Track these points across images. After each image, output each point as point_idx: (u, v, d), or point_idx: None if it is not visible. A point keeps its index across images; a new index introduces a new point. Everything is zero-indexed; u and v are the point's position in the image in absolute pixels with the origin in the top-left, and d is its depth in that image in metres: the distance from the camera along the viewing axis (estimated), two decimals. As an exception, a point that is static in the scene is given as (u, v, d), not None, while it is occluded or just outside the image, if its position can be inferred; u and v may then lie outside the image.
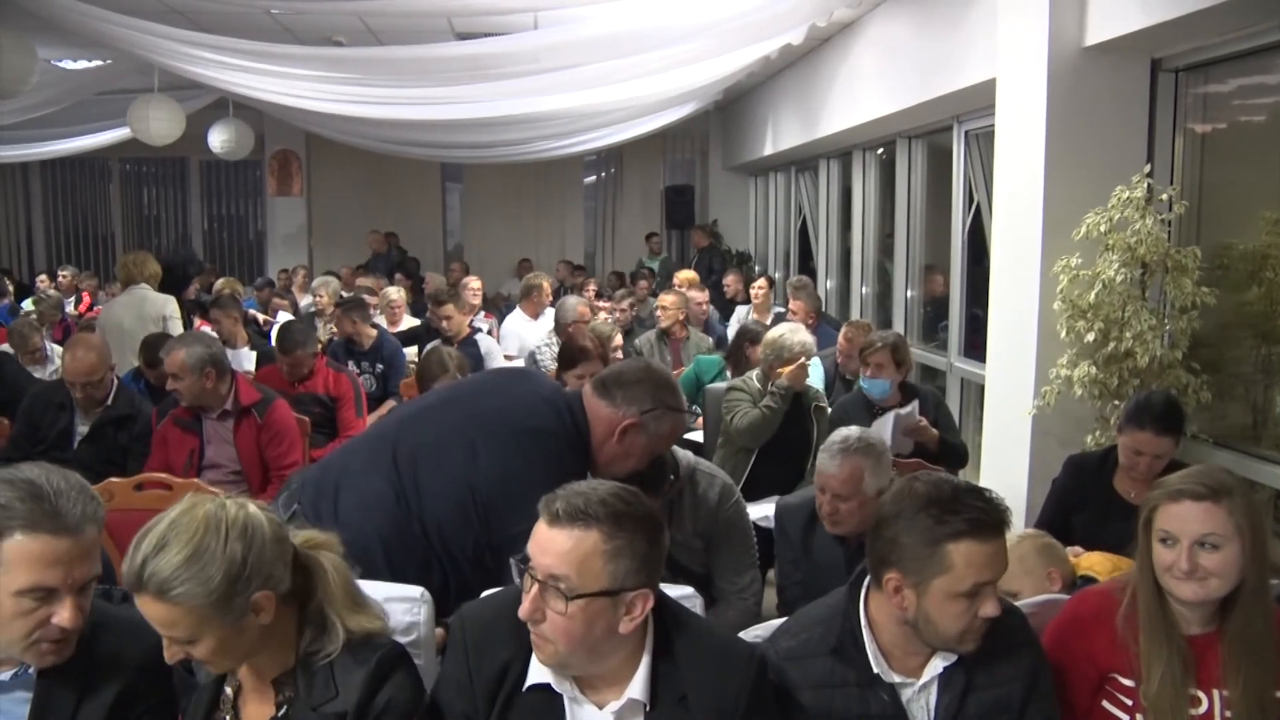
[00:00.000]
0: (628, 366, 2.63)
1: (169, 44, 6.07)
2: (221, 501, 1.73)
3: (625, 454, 2.53)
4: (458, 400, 2.67)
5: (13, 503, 1.67)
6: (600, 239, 13.79)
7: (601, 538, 1.70)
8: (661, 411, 2.52)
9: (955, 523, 1.82)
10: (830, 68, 7.60)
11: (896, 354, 4.44)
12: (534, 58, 5.94)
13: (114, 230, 13.78)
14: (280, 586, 1.73)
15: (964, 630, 1.85)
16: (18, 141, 10.25)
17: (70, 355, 4.33)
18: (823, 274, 9.36)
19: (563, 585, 1.68)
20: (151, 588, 1.63)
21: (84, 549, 1.71)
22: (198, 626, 1.65)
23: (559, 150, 10.44)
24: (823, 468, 3.05)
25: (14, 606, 1.67)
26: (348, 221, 12.82)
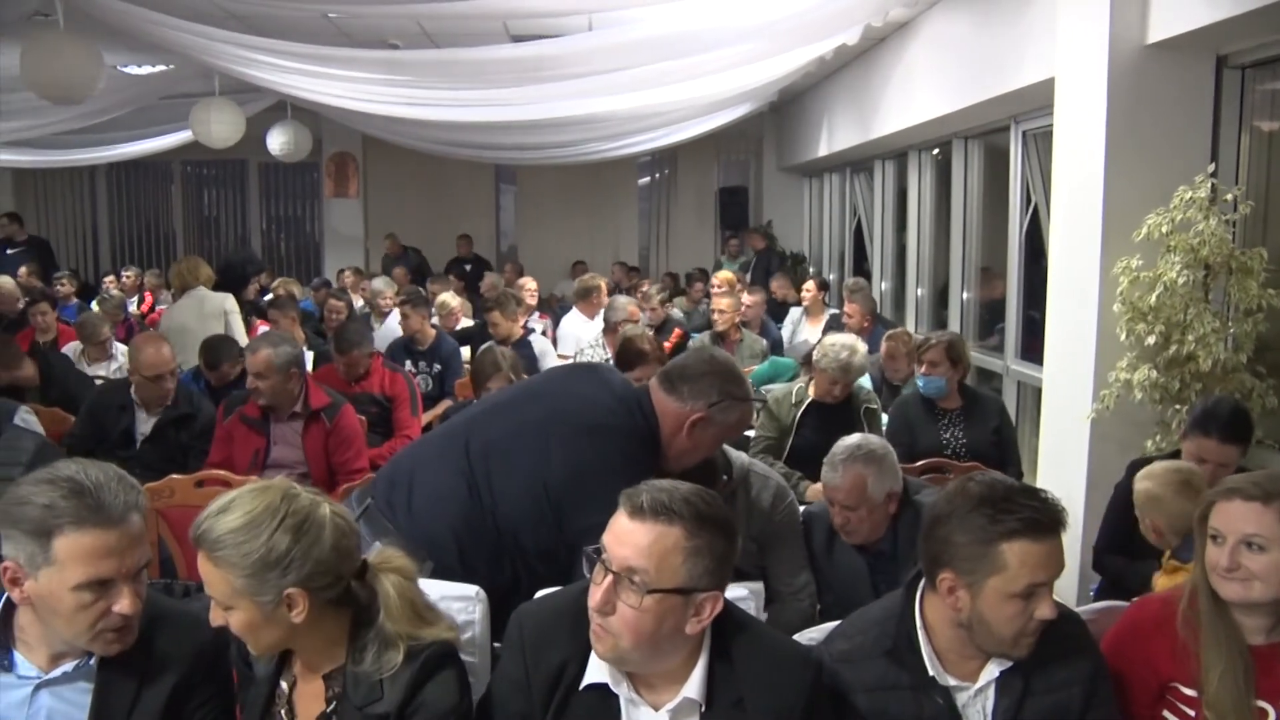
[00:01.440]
0: (692, 359, 2.62)
1: (229, 48, 6.17)
2: (300, 494, 1.78)
3: (694, 447, 2.54)
4: (531, 397, 2.68)
5: (57, 501, 1.71)
6: (654, 240, 13.79)
7: (683, 535, 1.70)
8: (729, 403, 2.52)
9: (1009, 521, 1.79)
10: (885, 68, 7.53)
11: (952, 352, 4.42)
12: (588, 59, 5.95)
13: (175, 231, 14.04)
14: (321, 593, 1.75)
15: (1019, 632, 1.82)
16: (85, 145, 10.47)
17: (142, 351, 4.39)
18: (877, 276, 9.29)
19: (639, 579, 1.68)
20: (204, 543, 1.72)
21: (132, 537, 1.76)
22: (232, 595, 1.72)
23: (613, 151, 10.45)
24: (826, 479, 3.05)
25: (74, 601, 1.72)
26: (403, 223, 12.95)
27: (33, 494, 1.73)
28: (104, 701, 1.81)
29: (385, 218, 13.21)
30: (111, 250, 13.95)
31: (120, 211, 14.06)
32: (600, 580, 1.72)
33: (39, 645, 1.81)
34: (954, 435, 4.49)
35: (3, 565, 1.76)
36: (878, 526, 3.03)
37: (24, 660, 1.81)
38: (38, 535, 1.71)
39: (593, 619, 1.73)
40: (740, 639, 1.81)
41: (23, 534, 1.72)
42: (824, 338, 4.66)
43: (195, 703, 1.87)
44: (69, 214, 13.79)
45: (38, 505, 1.71)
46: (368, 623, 1.80)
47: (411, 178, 12.83)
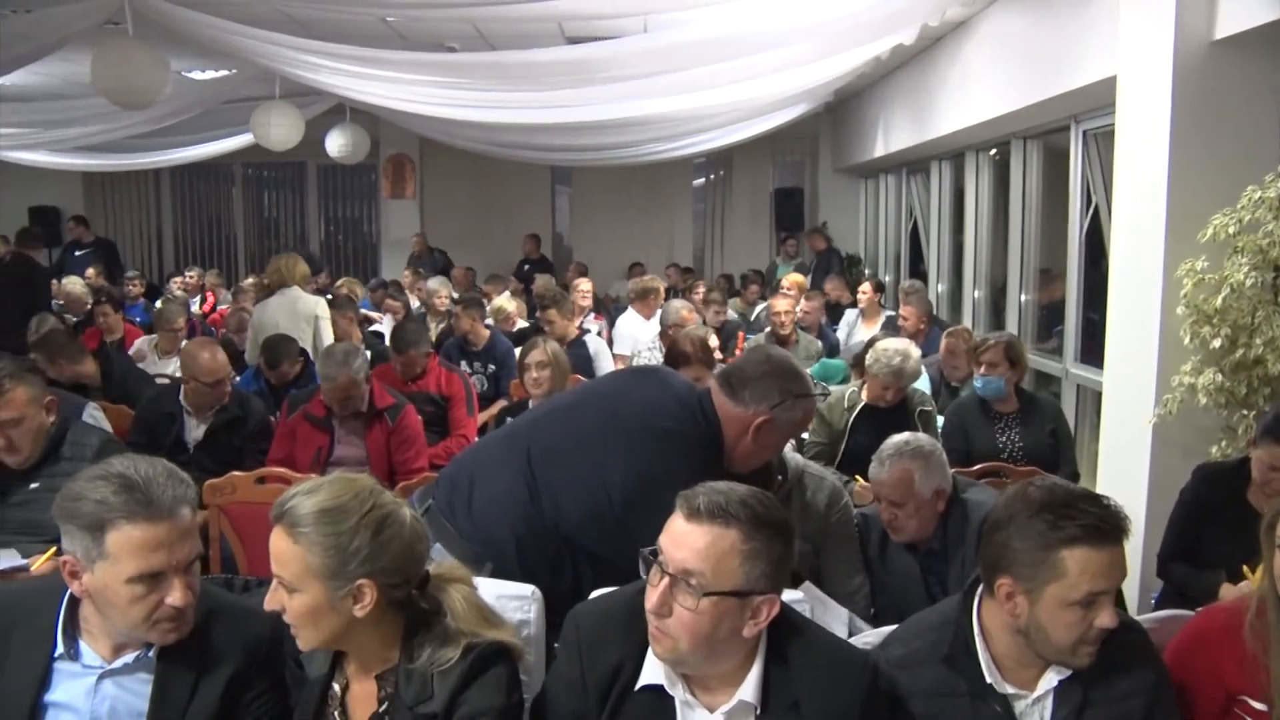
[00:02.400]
0: (750, 361, 2.59)
1: (290, 53, 6.27)
2: (384, 492, 1.82)
3: (760, 449, 2.53)
4: (593, 400, 2.68)
5: (108, 497, 1.76)
6: (709, 242, 13.77)
7: (740, 537, 1.70)
8: (791, 401, 2.49)
9: (1070, 528, 1.76)
10: (942, 67, 7.46)
11: (1010, 352, 4.37)
12: (644, 61, 5.96)
13: (236, 232, 14.28)
14: (389, 591, 1.78)
15: (1077, 641, 1.79)
16: (150, 149, 10.70)
17: (198, 357, 4.36)
18: (934, 277, 9.20)
19: (695, 581, 1.68)
20: (286, 519, 1.75)
21: (181, 530, 1.80)
22: (302, 577, 1.74)
23: (668, 153, 10.46)
24: (873, 475, 3.03)
25: (129, 594, 1.76)
26: (459, 224, 13.06)
27: (86, 490, 1.78)
28: (164, 691, 1.85)
29: (441, 219, 13.33)
30: (175, 251, 14.22)
31: (183, 213, 14.33)
32: (657, 582, 1.72)
33: (102, 636, 1.86)
34: (1010, 439, 4.44)
35: (63, 559, 1.81)
36: (926, 524, 3.00)
37: (89, 650, 1.86)
38: (92, 530, 1.76)
39: (650, 621, 1.73)
40: (796, 642, 1.80)
41: (79, 529, 1.77)
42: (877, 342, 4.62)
43: (252, 694, 1.91)
44: (135, 216, 14.08)
45: (91, 500, 1.76)
46: (424, 628, 1.82)
47: (467, 179, 12.92)
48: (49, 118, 8.95)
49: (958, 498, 3.06)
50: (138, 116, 7.88)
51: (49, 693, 1.84)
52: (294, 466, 3.99)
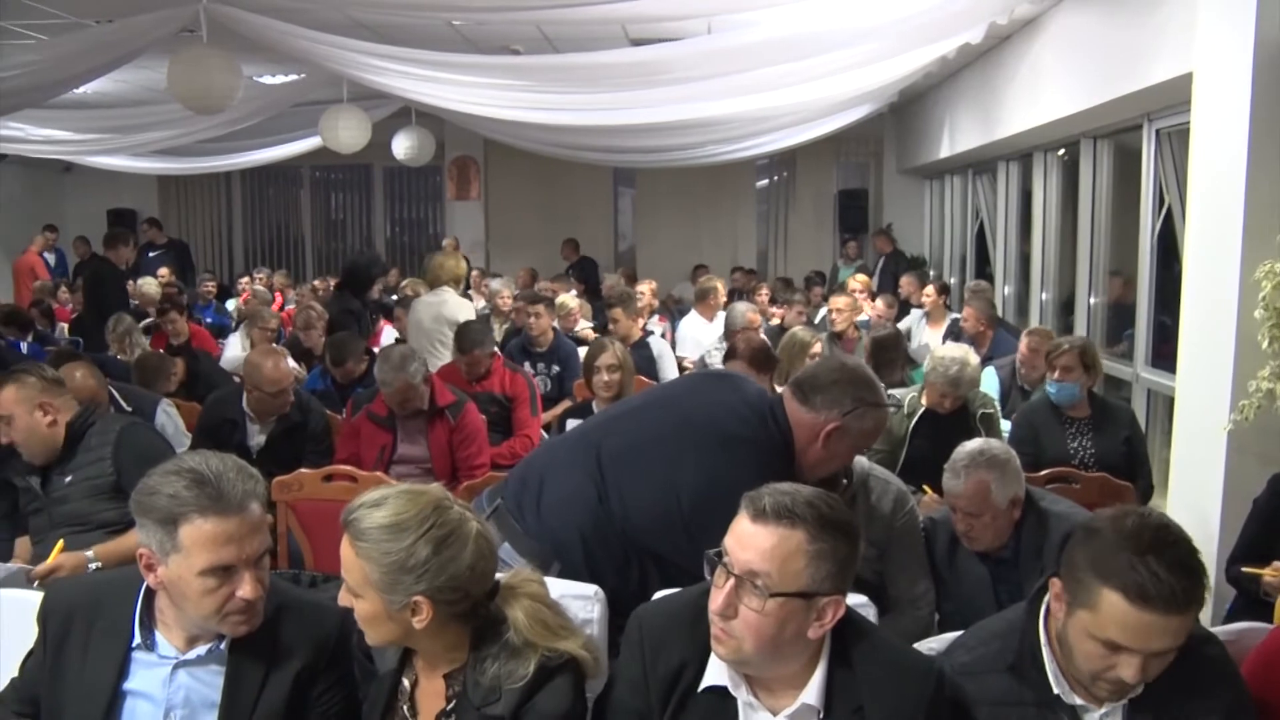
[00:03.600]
0: (823, 368, 2.58)
1: (358, 56, 6.35)
2: (452, 507, 1.83)
3: (830, 457, 2.51)
4: (663, 404, 2.68)
5: (180, 491, 1.80)
6: (772, 243, 13.71)
7: (806, 539, 1.69)
8: (863, 409, 2.48)
9: (1122, 573, 1.67)
10: (1010, 66, 7.35)
11: (1085, 357, 4.30)
12: (707, 62, 5.95)
13: (304, 234, 14.52)
14: (447, 607, 1.79)
15: (1096, 674, 1.74)
16: (222, 152, 10.90)
17: (262, 367, 4.39)
18: (1000, 279, 9.08)
19: (761, 582, 1.68)
20: (351, 529, 1.78)
21: (251, 525, 1.84)
22: (363, 585, 1.78)
23: (731, 154, 10.43)
24: (948, 486, 2.98)
25: (200, 586, 1.80)
26: (523, 225, 13.15)
27: (160, 484, 1.83)
28: (235, 683, 1.89)
29: (505, 220, 13.43)
30: (245, 252, 14.51)
31: (253, 215, 14.62)
32: (722, 584, 1.72)
33: (176, 627, 1.91)
34: (1082, 445, 4.36)
35: (139, 552, 1.86)
36: (1001, 533, 2.96)
37: (164, 641, 1.91)
38: (165, 523, 1.80)
39: (714, 622, 1.73)
40: (860, 646, 1.79)
41: (153, 522, 1.82)
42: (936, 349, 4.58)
43: (320, 688, 1.95)
44: (207, 218, 14.39)
45: (164, 495, 1.81)
46: (493, 637, 1.83)
47: (531, 180, 13.00)
48: (127, 123, 9.17)
49: (1034, 505, 3.02)
50: (210, 121, 8.04)
51: (127, 681, 1.89)
52: (359, 465, 4.04)
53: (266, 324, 6.98)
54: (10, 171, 12.88)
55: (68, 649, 1.91)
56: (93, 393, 4.09)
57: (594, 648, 1.92)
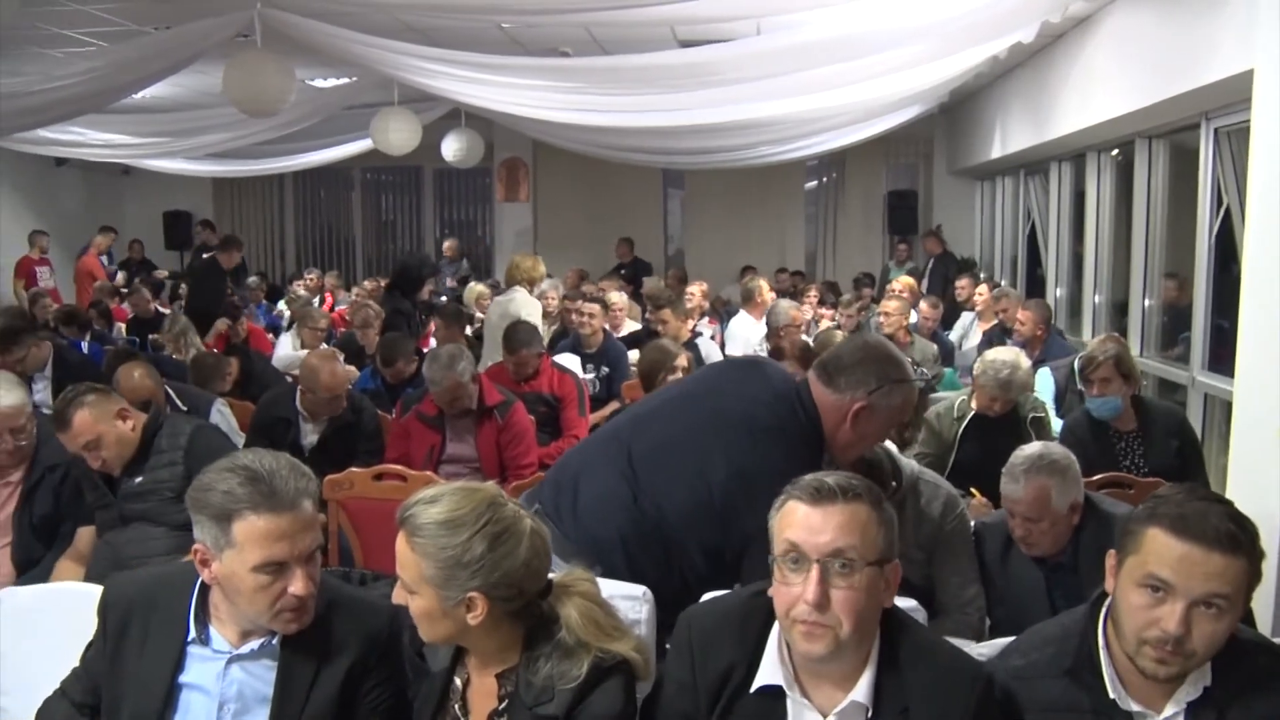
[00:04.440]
0: (846, 348, 2.56)
1: (408, 59, 6.42)
2: (507, 504, 1.85)
3: (860, 438, 2.50)
4: (692, 398, 2.67)
5: (234, 488, 1.83)
6: (821, 245, 13.65)
7: (870, 508, 1.73)
8: (889, 387, 2.46)
9: (1161, 508, 1.73)
10: (1063, 65, 7.26)
11: (1122, 366, 4.12)
12: (757, 64, 5.93)
13: (355, 235, 14.68)
14: (502, 603, 1.80)
15: (1140, 630, 1.72)
16: (274, 155, 11.04)
17: (319, 372, 4.43)
18: (1052, 281, 8.97)
19: (850, 556, 1.69)
20: (407, 526, 1.80)
21: (303, 522, 1.87)
22: (419, 581, 1.79)
23: (780, 155, 10.40)
24: (1007, 491, 2.94)
25: (253, 582, 1.83)
26: (571, 226, 13.19)
27: (215, 481, 1.86)
28: (287, 678, 1.92)
29: (554, 221, 13.48)
30: (296, 253, 14.69)
31: (304, 217, 14.80)
32: (803, 578, 1.71)
33: (230, 622, 1.94)
34: (1133, 462, 4.16)
35: (194, 547, 1.90)
36: (1060, 539, 2.93)
37: (218, 635, 1.94)
38: (219, 519, 1.84)
39: (806, 619, 1.70)
40: (909, 647, 1.79)
41: (208, 518, 1.85)
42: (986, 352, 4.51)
43: (370, 683, 1.97)
44: (259, 219, 14.59)
45: (219, 492, 1.84)
46: (545, 636, 1.84)
47: (580, 182, 13.04)
48: (183, 127, 9.33)
49: (1095, 509, 2.98)
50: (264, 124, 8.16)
51: (183, 674, 1.93)
52: (409, 464, 4.08)
53: (316, 324, 7.06)
54: (71, 175, 13.18)
55: (127, 642, 1.95)
56: (150, 392, 4.17)
57: (645, 649, 1.92)
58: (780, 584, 1.74)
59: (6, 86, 6.56)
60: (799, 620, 1.71)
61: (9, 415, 3.38)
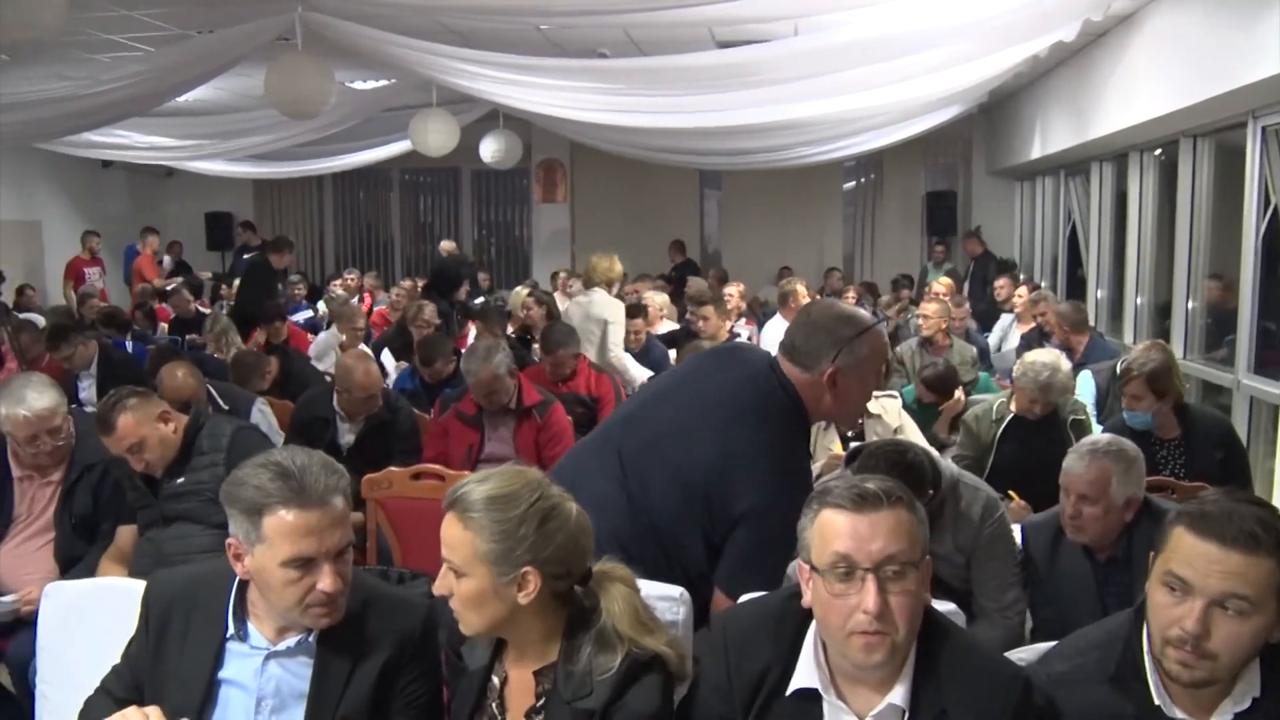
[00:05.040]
0: (797, 327, 2.54)
1: (446, 61, 6.46)
2: (552, 486, 1.88)
3: (845, 399, 2.48)
4: (675, 390, 2.66)
5: (265, 483, 1.85)
6: (859, 246, 13.59)
7: (909, 510, 1.74)
8: (849, 346, 2.43)
9: (1191, 507, 1.73)
10: (1105, 64, 7.18)
11: (1155, 384, 4.02)
12: (794, 64, 5.92)
13: (393, 236, 14.78)
14: (552, 581, 1.82)
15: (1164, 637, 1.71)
16: (314, 156, 11.16)
17: (354, 372, 4.45)
18: (1093, 283, 8.87)
19: (901, 561, 1.69)
20: (458, 506, 1.81)
21: (333, 518, 1.88)
22: (471, 561, 1.80)
23: (818, 156, 10.36)
24: (1069, 468, 2.92)
25: (283, 577, 1.85)
26: (609, 227, 13.21)
27: (247, 476, 1.89)
28: (323, 673, 1.94)
29: (591, 222, 13.51)
30: (336, 254, 14.82)
31: (344, 217, 14.93)
32: (856, 589, 1.69)
33: (267, 619, 1.96)
34: (1174, 471, 4.05)
35: (228, 542, 1.92)
36: (1109, 531, 2.88)
37: (255, 632, 1.96)
38: (250, 514, 1.86)
39: (867, 630, 1.68)
40: (947, 651, 1.77)
41: (240, 512, 1.88)
42: (1026, 354, 4.47)
43: (405, 680, 1.98)
44: (299, 220, 14.74)
45: (250, 486, 1.87)
46: (584, 625, 1.85)
47: (617, 183, 13.06)
48: (224, 129, 9.46)
49: (1151, 507, 2.93)
50: (304, 126, 8.26)
51: (222, 670, 1.95)
52: (447, 464, 4.09)
53: (354, 324, 7.13)
54: (116, 177, 13.41)
55: (168, 638, 1.98)
56: (192, 392, 4.22)
57: (680, 647, 1.91)
58: (829, 597, 1.72)
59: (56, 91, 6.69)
60: (857, 632, 1.68)
61: (44, 417, 3.42)
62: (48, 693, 2.50)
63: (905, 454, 2.89)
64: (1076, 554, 2.95)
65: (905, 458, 2.86)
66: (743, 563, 2.35)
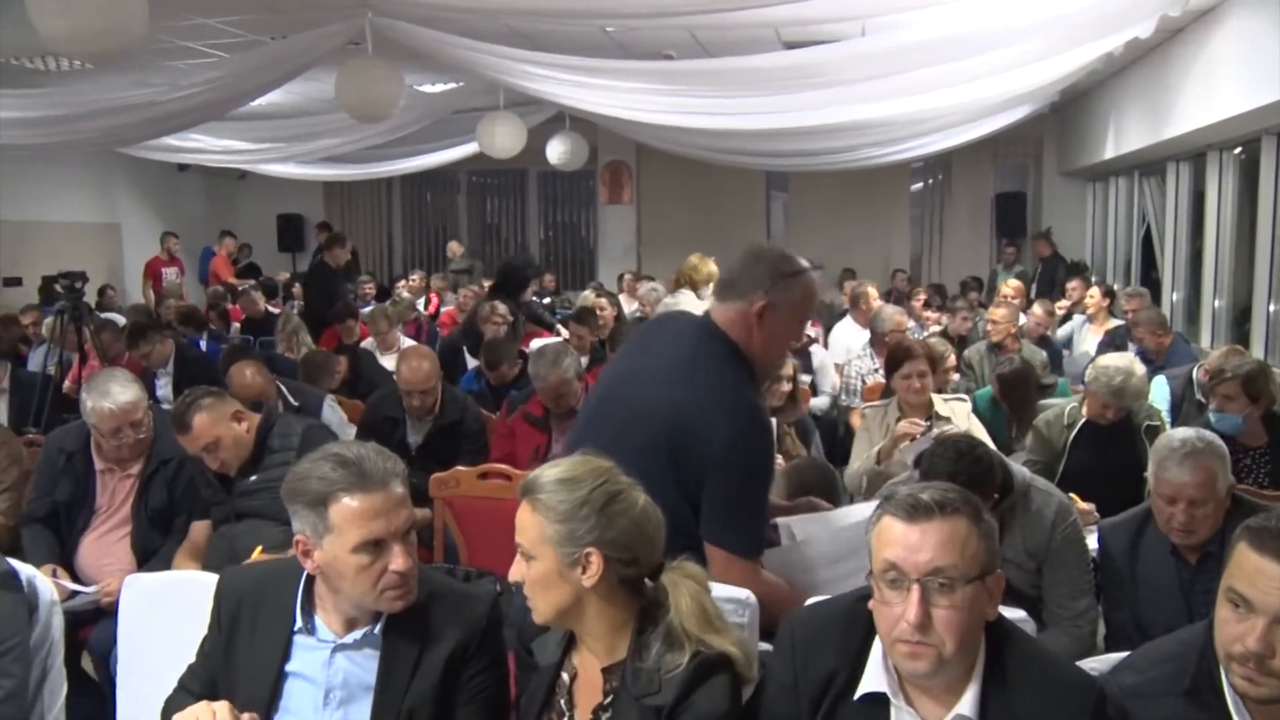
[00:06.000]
0: (736, 261, 2.55)
1: (514, 64, 6.51)
2: (622, 475, 1.92)
3: (772, 337, 2.49)
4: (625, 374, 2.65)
5: (328, 473, 1.90)
6: (926, 248, 13.44)
7: (969, 521, 1.69)
8: (785, 282, 2.46)
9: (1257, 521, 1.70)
10: (1183, 61, 7.03)
11: (1250, 387, 3.94)
12: (861, 65, 5.88)
13: (461, 237, 14.91)
14: (616, 566, 1.84)
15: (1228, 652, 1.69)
16: (383, 159, 11.31)
17: (406, 366, 4.51)
18: (1168, 285, 8.69)
19: (950, 574, 1.65)
20: (529, 490, 1.87)
21: (395, 500, 1.92)
22: (539, 542, 1.84)
23: (885, 157, 10.26)
24: (1172, 477, 2.78)
25: (355, 563, 1.89)
26: (675, 228, 13.20)
27: (309, 470, 1.93)
28: (390, 665, 1.97)
29: (657, 224, 13.52)
30: (403, 255, 15.00)
31: (412, 219, 15.11)
32: (902, 598, 1.67)
33: (334, 612, 1.99)
34: (1257, 479, 3.97)
35: (295, 539, 1.96)
36: (1217, 523, 2.80)
37: (323, 625, 2.00)
38: (316, 506, 1.90)
39: (908, 639, 1.67)
40: (1016, 659, 1.73)
41: (305, 506, 1.92)
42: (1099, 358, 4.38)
43: (470, 671, 2.00)
44: (369, 222, 14.94)
45: (314, 479, 1.91)
46: (653, 621, 1.86)
47: (683, 185, 13.05)
48: (296, 133, 9.62)
49: (1239, 500, 2.87)
50: (374, 129, 8.38)
51: (289, 663, 1.99)
52: (514, 464, 4.12)
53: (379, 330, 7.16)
54: (192, 180, 13.73)
55: (238, 633, 2.02)
56: (261, 390, 4.31)
57: (748, 648, 1.91)
58: (880, 603, 1.71)
59: (138, 97, 6.86)
60: (900, 640, 1.68)
61: (127, 410, 3.52)
62: (128, 680, 2.58)
63: (975, 447, 2.86)
64: (1162, 556, 2.88)
65: (974, 450, 2.83)
66: (723, 509, 2.33)
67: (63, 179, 11.74)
